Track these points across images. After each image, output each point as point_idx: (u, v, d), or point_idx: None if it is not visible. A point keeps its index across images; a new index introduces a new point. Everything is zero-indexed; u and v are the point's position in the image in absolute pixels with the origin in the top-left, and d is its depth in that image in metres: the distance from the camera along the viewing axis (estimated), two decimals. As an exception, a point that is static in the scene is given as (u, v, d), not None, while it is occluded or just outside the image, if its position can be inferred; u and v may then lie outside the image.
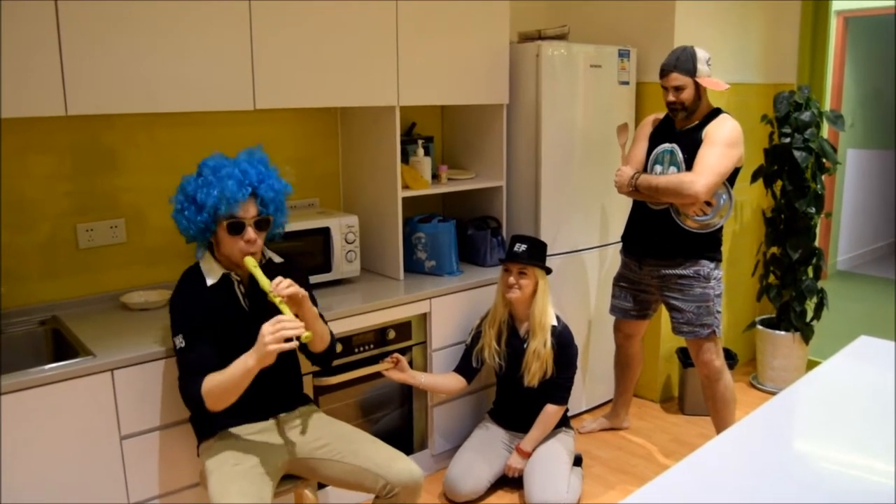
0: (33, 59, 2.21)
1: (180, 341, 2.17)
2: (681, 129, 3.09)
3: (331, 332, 2.44)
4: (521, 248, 3.03)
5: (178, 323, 2.21)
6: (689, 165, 3.00)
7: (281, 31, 2.71)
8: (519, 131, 3.53)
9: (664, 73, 3.04)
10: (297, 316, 2.13)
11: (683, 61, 2.99)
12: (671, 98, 3.03)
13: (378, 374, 2.96)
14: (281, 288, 2.12)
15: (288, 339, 2.03)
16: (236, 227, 2.21)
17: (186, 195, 2.22)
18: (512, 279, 3.02)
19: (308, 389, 2.76)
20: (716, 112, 3.06)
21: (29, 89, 2.21)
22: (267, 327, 2.04)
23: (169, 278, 2.97)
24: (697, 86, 2.99)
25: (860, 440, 1.72)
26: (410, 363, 3.09)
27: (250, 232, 2.22)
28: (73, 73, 2.29)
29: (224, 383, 2.10)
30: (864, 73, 6.55)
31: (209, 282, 2.27)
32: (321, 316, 2.39)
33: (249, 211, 2.23)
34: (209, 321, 2.21)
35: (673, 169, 3.06)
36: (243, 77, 2.65)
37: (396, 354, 2.95)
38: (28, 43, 2.19)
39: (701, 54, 3.00)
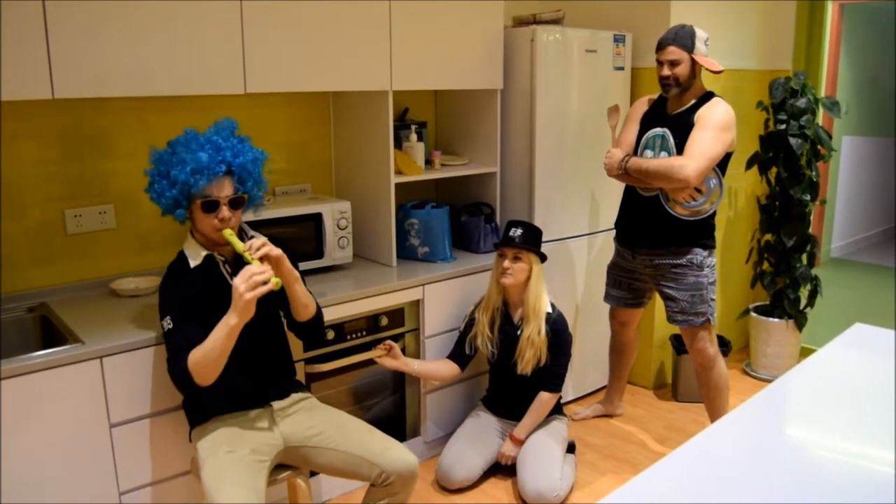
0: (19, 40, 2.17)
1: (168, 323, 2.16)
2: (672, 113, 3.05)
3: (317, 303, 2.43)
4: (516, 232, 3.01)
5: (165, 306, 2.20)
6: (680, 150, 2.96)
7: (272, 13, 2.67)
8: (513, 117, 3.51)
9: (661, 46, 2.99)
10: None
11: (682, 36, 2.95)
12: (665, 72, 2.97)
13: (371, 361, 2.95)
14: (254, 248, 2.13)
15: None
16: (210, 206, 2.20)
17: (158, 169, 2.20)
18: (507, 263, 3.00)
19: (301, 376, 2.74)
20: (708, 95, 3.03)
21: (14, 72, 2.18)
22: (238, 280, 2.04)
23: (159, 265, 2.94)
24: (693, 64, 2.96)
25: (856, 427, 1.71)
26: (403, 350, 3.07)
27: (224, 210, 2.20)
28: (59, 56, 2.25)
29: (209, 351, 2.08)
30: (859, 61, 6.53)
31: (192, 264, 2.25)
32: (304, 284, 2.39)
33: (224, 189, 2.21)
34: (196, 303, 2.19)
35: (664, 154, 3.02)
36: (234, 60, 2.61)
37: (389, 341, 2.94)
38: (13, 24, 2.15)
39: (700, 33, 2.97)
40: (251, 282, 2.03)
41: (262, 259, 2.13)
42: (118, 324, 2.45)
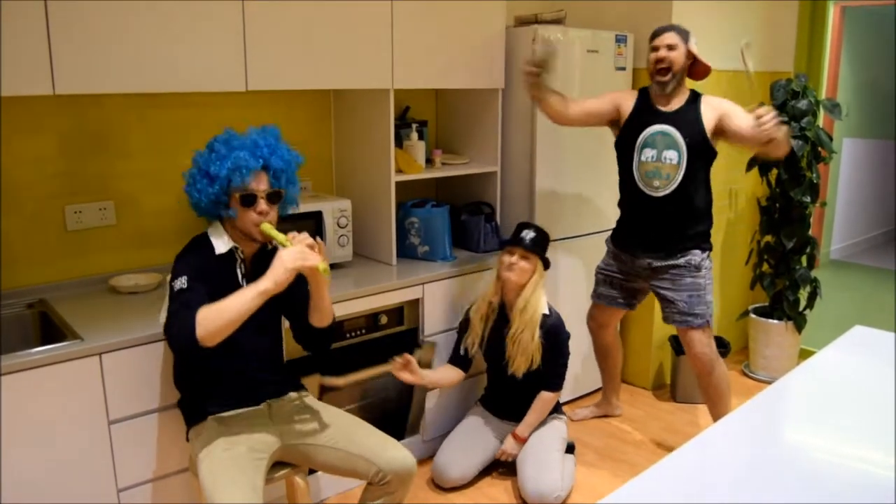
0: (20, 36, 2.17)
1: (182, 282, 2.10)
2: (669, 110, 3.04)
3: (333, 314, 2.42)
4: (528, 234, 3.00)
5: (182, 269, 2.15)
6: (691, 147, 2.96)
7: (274, 11, 2.67)
8: (514, 116, 3.50)
9: (658, 33, 3.02)
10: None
11: (679, 29, 3.02)
12: (662, 54, 2.98)
13: (373, 364, 2.94)
14: (298, 238, 2.13)
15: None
16: (249, 200, 2.20)
17: (199, 168, 2.21)
18: (514, 259, 2.98)
19: (314, 390, 2.74)
20: (696, 94, 3.05)
21: (15, 68, 2.17)
22: (288, 251, 2.05)
23: (160, 262, 2.94)
24: (687, 57, 3.00)
25: (855, 430, 1.71)
26: (418, 362, 3.05)
27: (262, 204, 2.22)
28: (60, 52, 2.24)
29: (225, 309, 2.00)
30: (860, 63, 6.53)
31: (218, 249, 2.25)
32: None
33: (261, 183, 2.23)
34: (211, 284, 2.15)
35: (672, 152, 3.01)
36: (235, 58, 2.61)
37: (406, 355, 2.90)
38: (14, 20, 2.15)
39: (692, 35, 3.03)
40: (303, 254, 2.05)
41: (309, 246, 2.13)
42: (117, 320, 2.45)
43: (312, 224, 3.02)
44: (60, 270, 2.78)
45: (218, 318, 1.99)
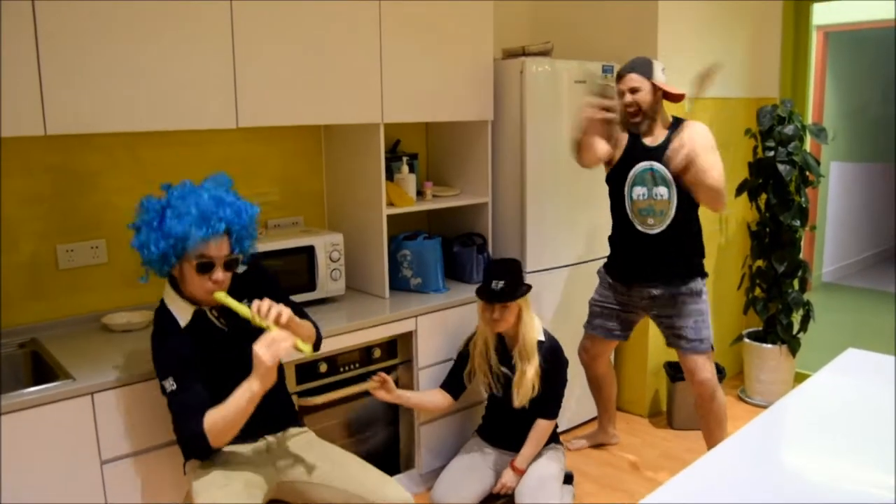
0: (11, 78, 2.18)
1: (170, 384, 2.09)
2: (655, 146, 3.05)
3: (314, 325, 2.40)
4: (498, 285, 2.91)
5: (164, 366, 2.12)
6: (678, 183, 2.97)
7: (264, 48, 2.70)
8: (504, 148, 3.53)
9: (620, 76, 3.06)
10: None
11: (640, 65, 3.04)
12: (628, 99, 3.01)
13: (365, 393, 2.93)
14: (263, 313, 2.06)
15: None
16: (205, 267, 2.11)
17: (149, 220, 2.09)
18: (496, 315, 2.94)
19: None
20: (679, 121, 3.07)
21: (7, 109, 2.19)
22: (260, 347, 2.00)
23: (151, 300, 2.92)
24: (655, 92, 3.01)
25: (852, 452, 1.71)
26: (396, 382, 3.05)
27: (219, 273, 2.13)
28: (51, 93, 2.26)
29: (228, 415, 2.04)
30: (844, 87, 6.61)
31: (182, 323, 2.19)
32: (304, 313, 2.37)
33: (221, 249, 2.13)
34: (193, 361, 2.14)
35: (662, 189, 3.03)
36: (226, 95, 2.63)
37: (382, 374, 2.90)
38: (6, 62, 2.17)
39: (657, 64, 3.05)
40: (274, 349, 2.00)
41: (276, 323, 2.06)
42: (110, 359, 2.43)
43: (305, 258, 3.03)
44: (52, 309, 2.77)
45: (224, 424, 2.05)
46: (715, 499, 1.52)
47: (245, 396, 2.04)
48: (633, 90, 3.00)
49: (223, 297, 2.12)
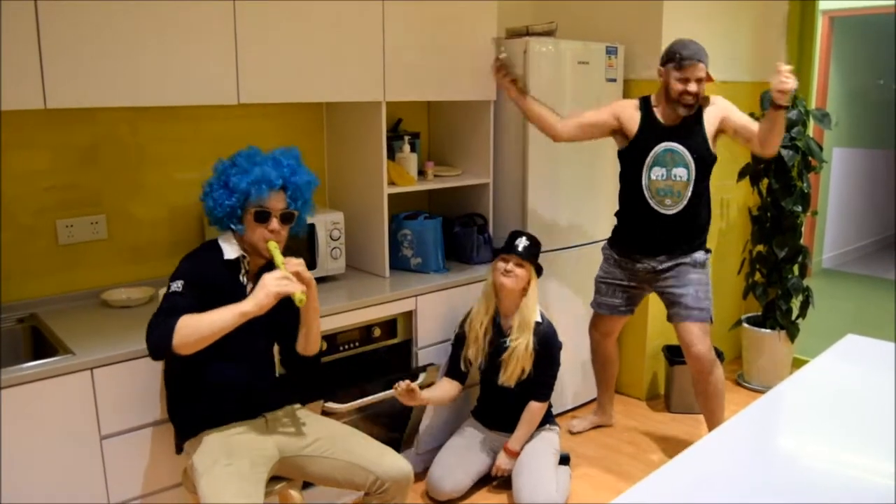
0: (11, 50, 2.16)
1: (177, 286, 2.15)
2: (674, 124, 3.04)
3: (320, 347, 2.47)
4: (521, 242, 3.02)
5: (182, 272, 2.21)
6: (699, 164, 2.98)
7: (266, 24, 2.68)
8: (506, 128, 3.51)
9: (689, 61, 2.92)
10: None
11: (705, 53, 2.97)
12: (693, 89, 2.94)
13: (372, 377, 2.93)
14: (292, 264, 2.17)
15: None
16: (263, 216, 2.25)
17: (218, 177, 2.27)
18: (510, 266, 2.99)
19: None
20: None
21: (6, 82, 2.17)
22: (269, 275, 2.08)
23: (152, 275, 2.93)
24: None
25: (850, 438, 1.72)
26: (421, 387, 3.01)
27: (275, 222, 2.26)
28: (52, 66, 2.24)
29: (204, 322, 2.05)
30: (849, 73, 6.57)
31: (227, 255, 2.28)
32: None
33: (278, 202, 2.28)
34: (212, 291, 2.18)
35: (681, 170, 3.02)
36: (227, 71, 2.61)
37: (409, 382, 2.83)
38: (5, 34, 2.15)
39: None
40: (282, 281, 2.07)
41: (295, 274, 2.16)
42: (109, 335, 2.43)
43: (305, 237, 3.02)
44: (52, 285, 2.77)
45: (196, 330, 2.05)
46: (712, 483, 1.52)
47: (229, 313, 2.06)
48: (700, 80, 2.95)
49: (274, 248, 2.24)
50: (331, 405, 2.79)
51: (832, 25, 4.89)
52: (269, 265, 2.29)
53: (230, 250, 2.30)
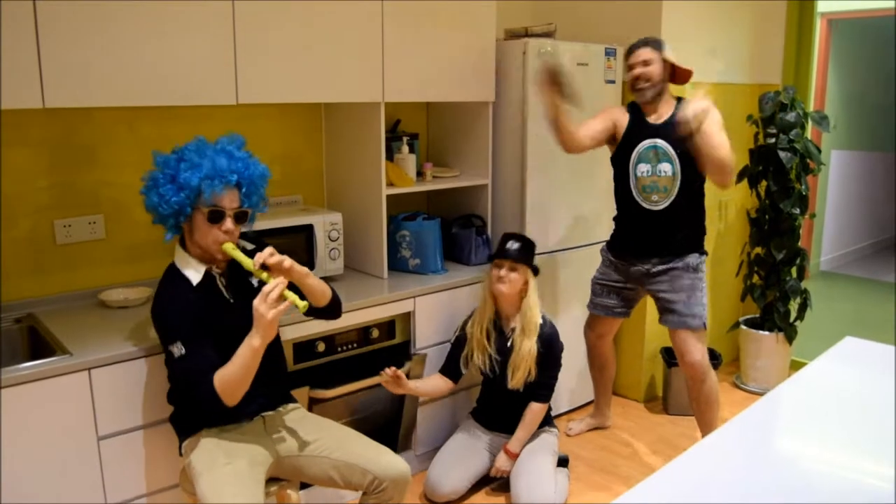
0: (10, 50, 2.16)
1: (179, 349, 2.10)
2: (659, 123, 3.06)
3: (331, 287, 2.42)
4: (513, 245, 3.01)
5: (172, 330, 2.13)
6: (682, 158, 2.98)
7: (265, 24, 2.67)
8: (505, 129, 3.51)
9: (631, 51, 3.08)
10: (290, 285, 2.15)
11: (652, 41, 3.07)
12: (637, 71, 3.03)
13: (368, 376, 2.93)
14: (264, 257, 2.11)
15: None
16: (217, 216, 2.17)
17: (164, 173, 2.15)
18: (503, 272, 2.99)
19: (303, 402, 2.73)
20: (681, 100, 3.05)
21: (5, 81, 2.16)
22: (258, 302, 2.04)
23: (149, 275, 2.93)
24: (665, 67, 3.03)
25: (849, 441, 1.71)
26: (408, 375, 3.03)
27: (229, 223, 2.18)
28: (50, 65, 2.24)
29: (236, 373, 2.07)
30: (847, 75, 6.59)
31: (194, 280, 2.21)
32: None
33: (232, 201, 2.19)
34: (203, 322, 2.14)
35: (666, 165, 3.03)
36: (226, 71, 2.61)
37: (394, 369, 2.85)
38: (4, 33, 2.14)
39: (667, 44, 3.07)
40: (270, 300, 2.03)
41: (265, 268, 2.11)
42: (107, 335, 2.43)
43: (303, 237, 3.01)
44: (49, 284, 2.76)
45: (233, 382, 2.07)
46: (710, 485, 1.52)
47: (247, 352, 2.06)
48: (646, 62, 3.02)
49: (231, 249, 2.17)
50: (317, 391, 2.79)
51: (831, 28, 4.90)
52: (235, 261, 2.21)
53: (195, 274, 2.21)
